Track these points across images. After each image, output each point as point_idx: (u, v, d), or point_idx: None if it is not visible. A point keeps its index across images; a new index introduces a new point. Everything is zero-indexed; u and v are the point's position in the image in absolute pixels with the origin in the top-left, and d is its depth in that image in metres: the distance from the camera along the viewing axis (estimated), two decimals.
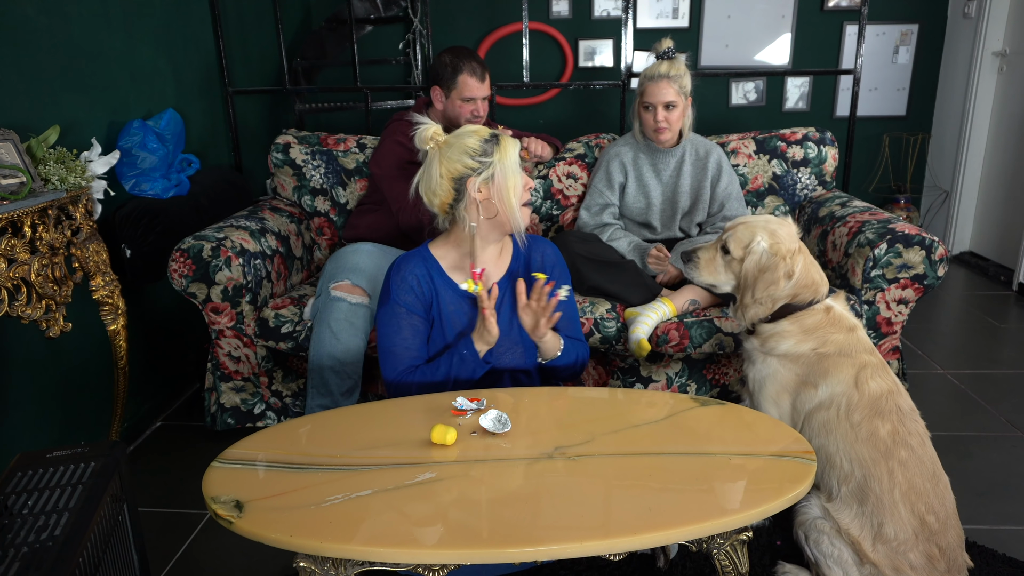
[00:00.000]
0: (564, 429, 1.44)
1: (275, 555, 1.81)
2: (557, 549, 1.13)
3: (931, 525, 1.50)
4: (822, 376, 1.63)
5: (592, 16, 4.32)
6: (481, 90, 2.37)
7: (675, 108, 2.34)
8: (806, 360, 1.67)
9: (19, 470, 1.35)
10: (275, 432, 1.49)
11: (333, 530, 1.15)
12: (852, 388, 1.59)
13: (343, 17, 3.86)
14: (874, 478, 1.53)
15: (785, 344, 1.70)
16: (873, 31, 4.27)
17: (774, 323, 1.72)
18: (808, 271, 1.72)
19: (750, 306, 1.74)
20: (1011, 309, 3.47)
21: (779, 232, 1.72)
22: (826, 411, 1.61)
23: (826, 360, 1.64)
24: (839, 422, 1.58)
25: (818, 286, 1.72)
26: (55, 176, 1.82)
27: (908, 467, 1.53)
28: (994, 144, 4.07)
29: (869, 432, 1.56)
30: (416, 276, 1.75)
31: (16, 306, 1.70)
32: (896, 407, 1.57)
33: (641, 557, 1.74)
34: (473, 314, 1.76)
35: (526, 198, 1.72)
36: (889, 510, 1.51)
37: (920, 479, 1.52)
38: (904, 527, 1.50)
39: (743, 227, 1.76)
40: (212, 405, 2.37)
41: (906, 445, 1.54)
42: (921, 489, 1.52)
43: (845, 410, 1.58)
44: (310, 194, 2.73)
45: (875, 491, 1.52)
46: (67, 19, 2.17)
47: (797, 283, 1.70)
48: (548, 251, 1.85)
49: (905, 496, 1.51)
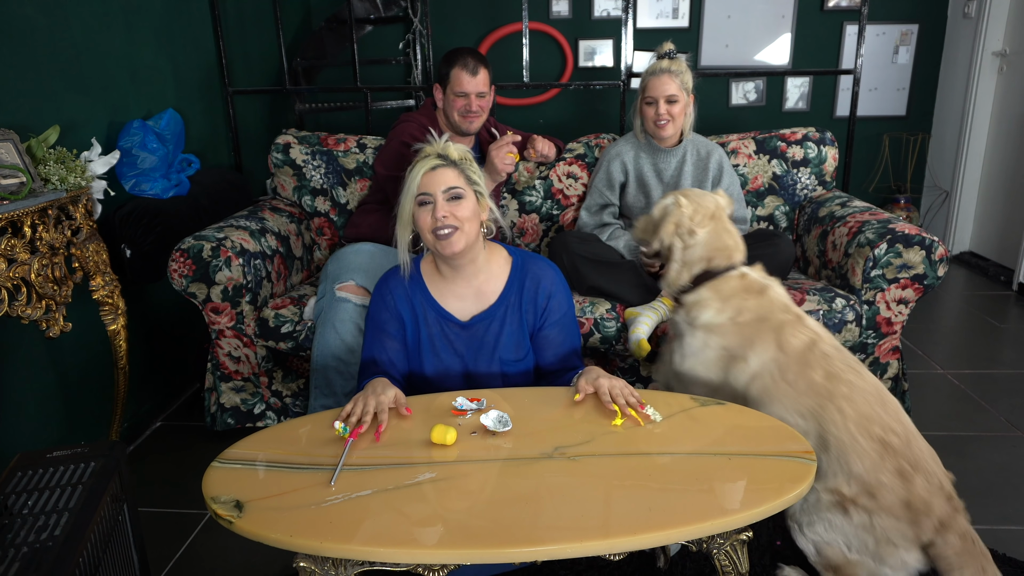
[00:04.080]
0: (564, 429, 1.44)
1: (275, 555, 1.81)
2: (557, 549, 1.13)
3: (893, 443, 1.54)
4: (748, 347, 1.70)
5: (592, 16, 4.32)
6: (473, 84, 2.32)
7: (677, 102, 2.35)
8: (727, 331, 1.74)
9: (19, 470, 1.35)
10: (275, 432, 1.49)
11: (333, 530, 1.15)
12: (777, 351, 1.67)
13: (343, 17, 3.86)
14: (828, 421, 1.58)
15: (706, 314, 1.77)
16: (873, 31, 4.27)
17: (695, 291, 1.81)
18: (719, 236, 1.82)
19: (672, 269, 1.85)
20: (1011, 309, 3.47)
21: (694, 196, 1.86)
22: (762, 380, 1.67)
23: (746, 329, 1.72)
24: (776, 385, 1.65)
25: (731, 251, 1.81)
26: (55, 176, 1.82)
27: (853, 399, 1.58)
28: (994, 144, 4.07)
29: (806, 384, 1.62)
30: (393, 294, 1.71)
31: (16, 306, 1.70)
32: (822, 354, 1.65)
33: (641, 557, 1.74)
34: (457, 338, 1.70)
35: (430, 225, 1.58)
36: (850, 445, 1.55)
37: (868, 406, 1.58)
38: (867, 453, 1.53)
39: (672, 193, 1.91)
40: (212, 405, 2.37)
41: (844, 382, 1.60)
42: (872, 414, 1.57)
43: (779, 373, 1.65)
44: (310, 194, 2.73)
45: (833, 434, 1.56)
46: (67, 19, 2.17)
47: (706, 246, 1.80)
48: (544, 280, 1.71)
49: (859, 426, 1.56)
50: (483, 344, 1.70)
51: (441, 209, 1.57)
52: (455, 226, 1.58)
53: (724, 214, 1.86)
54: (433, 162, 1.59)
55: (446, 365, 1.71)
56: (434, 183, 1.58)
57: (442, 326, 1.70)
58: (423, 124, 2.35)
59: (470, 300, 1.71)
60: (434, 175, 1.58)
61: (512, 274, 1.72)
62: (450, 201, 1.58)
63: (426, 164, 1.59)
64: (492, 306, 1.70)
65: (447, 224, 1.57)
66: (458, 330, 1.70)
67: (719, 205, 1.85)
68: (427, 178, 1.58)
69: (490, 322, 1.70)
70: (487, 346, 1.70)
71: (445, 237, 1.58)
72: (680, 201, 1.84)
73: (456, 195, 1.59)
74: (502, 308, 1.70)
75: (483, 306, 1.71)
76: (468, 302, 1.71)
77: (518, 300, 1.71)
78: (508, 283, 1.72)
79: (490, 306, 1.70)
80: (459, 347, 1.71)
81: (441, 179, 1.58)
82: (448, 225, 1.57)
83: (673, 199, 1.87)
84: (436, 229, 1.58)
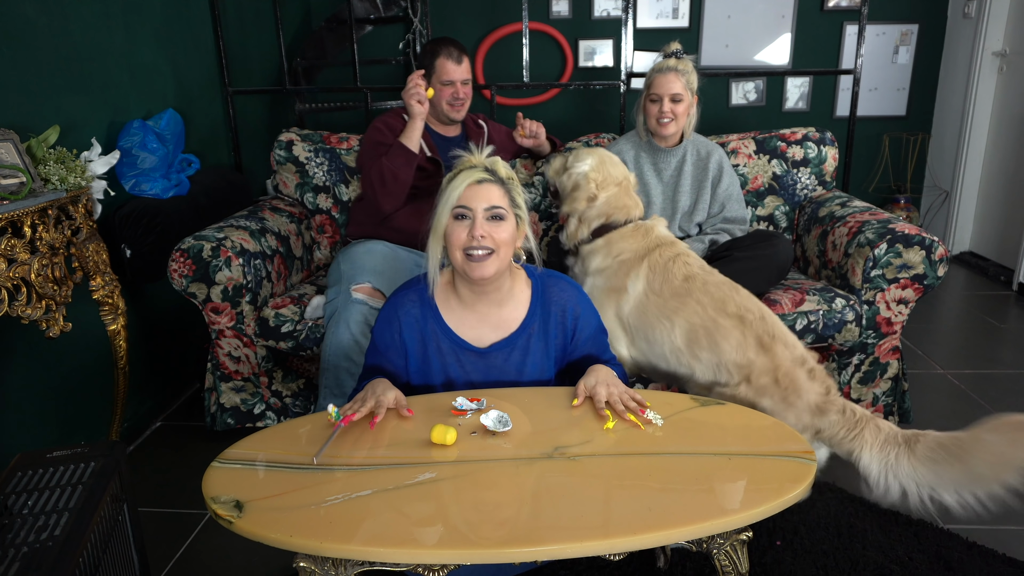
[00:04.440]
0: (564, 429, 1.44)
1: (275, 555, 1.81)
2: (557, 549, 1.13)
3: (747, 318, 1.75)
4: (625, 277, 1.90)
5: (592, 16, 4.32)
6: (458, 72, 2.36)
7: (681, 101, 2.36)
8: (611, 271, 1.92)
9: (19, 470, 1.35)
10: (275, 432, 1.49)
11: (333, 530, 1.15)
12: (649, 271, 1.87)
13: (343, 17, 3.86)
14: (692, 315, 1.79)
15: (595, 261, 1.96)
16: (873, 31, 4.27)
17: (591, 244, 2.00)
18: (620, 198, 2.01)
19: (572, 223, 2.03)
20: (1011, 309, 3.47)
21: (608, 166, 2.03)
22: (638, 301, 1.87)
23: (625, 265, 1.91)
24: (648, 299, 1.86)
25: (630, 209, 2.01)
26: (55, 176, 1.82)
27: (708, 290, 1.81)
28: (994, 144, 4.07)
29: (671, 290, 1.85)
30: (401, 321, 1.58)
31: (16, 306, 1.70)
32: (683, 263, 1.88)
33: (641, 557, 1.74)
34: (474, 367, 1.60)
35: (463, 243, 1.46)
36: (714, 328, 1.75)
37: (720, 292, 1.81)
38: (729, 331, 1.74)
39: (587, 150, 2.08)
40: (212, 405, 2.37)
41: (699, 279, 1.84)
42: (725, 297, 1.80)
43: (648, 288, 1.86)
44: (312, 191, 2.73)
45: (698, 324, 1.77)
46: (67, 19, 2.17)
47: (606, 204, 1.98)
48: (569, 302, 1.59)
49: (717, 310, 1.78)
50: (503, 372, 1.60)
51: (480, 227, 1.44)
52: (491, 249, 1.46)
53: (631, 186, 2.06)
54: (479, 175, 1.46)
55: (457, 386, 1.63)
56: (477, 198, 1.45)
57: (457, 354, 1.59)
58: (400, 113, 2.37)
59: (489, 327, 1.60)
60: (478, 189, 1.46)
61: (534, 298, 1.61)
62: (490, 221, 1.46)
63: (471, 176, 1.46)
64: (514, 333, 1.59)
65: (483, 245, 1.45)
66: (475, 358, 1.60)
67: (627, 177, 2.06)
68: (470, 191, 1.46)
69: (511, 350, 1.59)
70: (508, 374, 1.60)
71: (478, 259, 1.46)
72: (588, 175, 2.01)
73: (498, 215, 1.47)
74: (525, 335, 1.60)
75: (503, 333, 1.59)
76: (487, 329, 1.60)
77: (543, 326, 1.60)
78: (531, 309, 1.60)
79: (512, 333, 1.59)
80: (475, 375, 1.60)
81: (485, 195, 1.46)
82: (484, 247, 1.45)
83: (585, 169, 2.03)
84: (469, 249, 1.46)
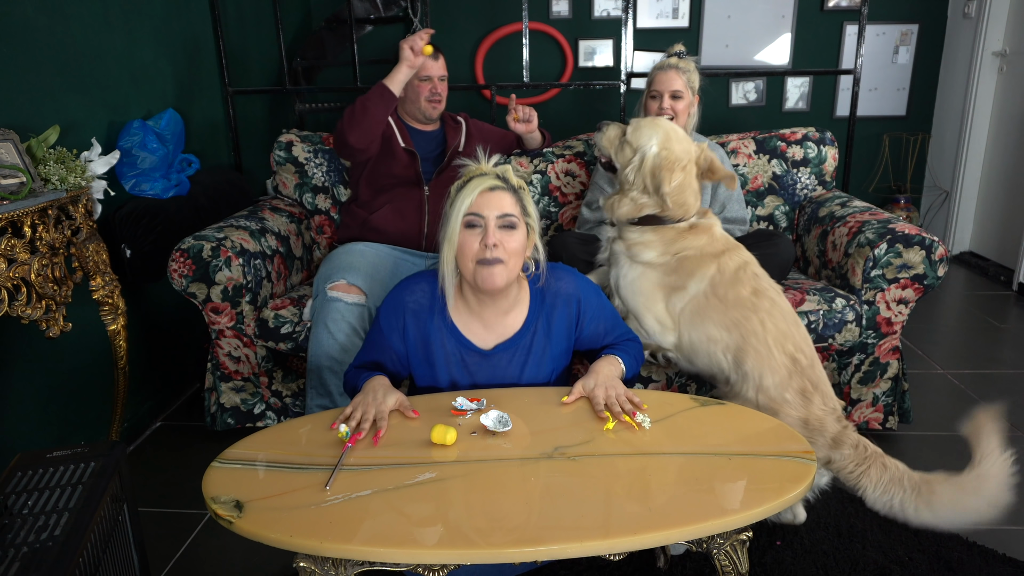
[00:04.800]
0: (564, 429, 1.44)
1: (275, 555, 1.81)
2: (557, 549, 1.13)
3: (800, 362, 1.72)
4: (688, 276, 1.83)
5: (592, 16, 4.32)
6: (436, 68, 2.40)
7: (681, 99, 2.36)
8: (670, 268, 1.85)
9: (19, 470, 1.35)
10: (275, 432, 1.49)
11: (333, 530, 1.15)
12: (716, 272, 1.80)
13: (343, 17, 3.86)
14: (750, 332, 1.74)
15: (648, 254, 1.88)
16: (873, 31, 4.27)
17: (640, 231, 1.90)
18: (683, 191, 1.87)
19: (624, 202, 1.91)
20: (1011, 309, 3.47)
21: (673, 144, 1.88)
22: (696, 300, 1.81)
23: (688, 262, 1.84)
24: (708, 301, 1.80)
25: (688, 208, 1.89)
26: (55, 176, 1.82)
27: (774, 315, 1.76)
28: (994, 144, 4.07)
29: (735, 298, 1.78)
30: (407, 312, 1.59)
31: (16, 306, 1.70)
32: (753, 274, 1.82)
33: (641, 557, 1.74)
34: (478, 368, 1.61)
35: (475, 254, 1.46)
36: (767, 358, 1.71)
37: (785, 324, 1.76)
38: (779, 368, 1.70)
39: (648, 124, 1.91)
40: (212, 405, 2.37)
41: (768, 299, 1.78)
42: (788, 332, 1.75)
43: (711, 291, 1.80)
44: (311, 192, 2.73)
45: (753, 345, 1.73)
46: (67, 19, 2.17)
47: (670, 195, 1.84)
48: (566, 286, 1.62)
49: (776, 341, 1.73)
50: (506, 373, 1.62)
51: (492, 236, 1.44)
52: (501, 259, 1.46)
53: (693, 166, 1.90)
54: (491, 182, 1.46)
55: (461, 387, 1.65)
56: (489, 205, 1.45)
57: (462, 354, 1.61)
58: None
59: (494, 328, 1.61)
60: (490, 196, 1.45)
61: (533, 298, 1.63)
62: (502, 229, 1.46)
63: (483, 183, 1.45)
64: (516, 334, 1.61)
65: (495, 255, 1.46)
66: (479, 359, 1.61)
67: (690, 158, 1.88)
68: (483, 198, 1.45)
69: (514, 352, 1.61)
70: (510, 375, 1.62)
71: (488, 268, 1.46)
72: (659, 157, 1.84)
73: (509, 223, 1.47)
74: (527, 336, 1.62)
75: (506, 335, 1.61)
76: (492, 331, 1.61)
77: (547, 327, 1.62)
78: (532, 308, 1.62)
79: (514, 334, 1.61)
80: (478, 375, 1.62)
81: (498, 202, 1.46)
82: (496, 257, 1.46)
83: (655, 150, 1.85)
84: (481, 258, 1.46)
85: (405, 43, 2.26)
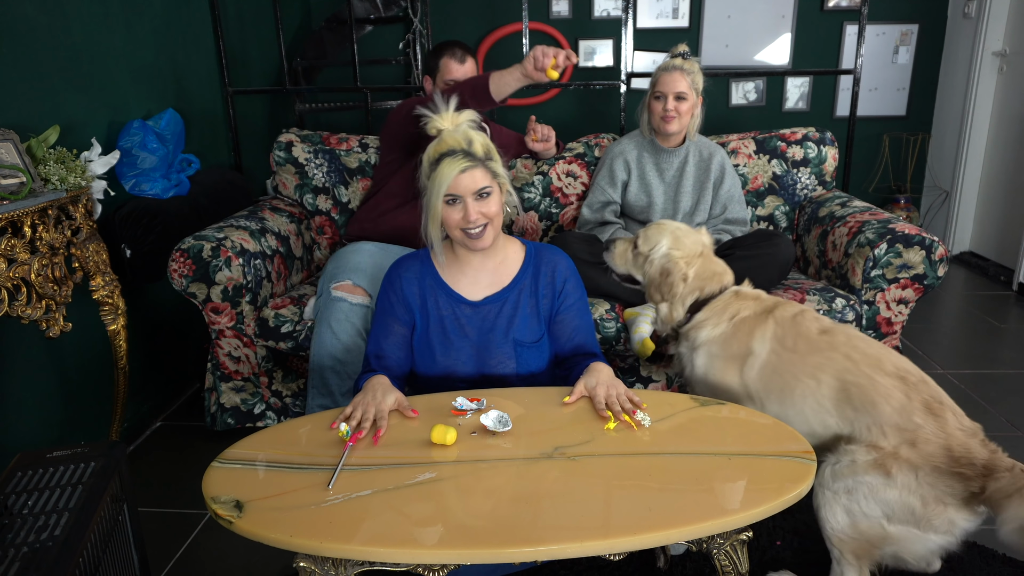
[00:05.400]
0: (564, 429, 1.44)
1: (275, 555, 1.81)
2: (557, 549, 1.13)
3: (909, 379, 1.51)
4: (750, 338, 1.73)
5: (592, 16, 4.32)
6: (461, 72, 2.38)
7: (685, 100, 2.36)
8: (728, 335, 1.76)
9: (19, 470, 1.35)
10: (275, 432, 1.49)
11: (333, 530, 1.15)
12: (775, 326, 1.70)
13: (343, 17, 3.86)
14: (841, 371, 1.56)
15: (704, 332, 1.80)
16: (873, 31, 4.27)
17: (691, 319, 1.83)
18: (706, 267, 1.84)
19: (663, 307, 1.87)
20: (1011, 309, 3.47)
21: (683, 239, 1.86)
22: (768, 361, 1.68)
23: (745, 323, 1.75)
24: (780, 357, 1.66)
25: (721, 275, 1.85)
26: (55, 176, 1.82)
27: (855, 345, 1.59)
28: (994, 144, 4.07)
29: (807, 344, 1.64)
30: (402, 278, 1.72)
31: (16, 306, 1.70)
32: (813, 316, 1.71)
33: (641, 557, 1.74)
34: (469, 320, 1.70)
35: (459, 224, 1.60)
36: (871, 387, 1.51)
37: (871, 348, 1.59)
38: (891, 392, 1.49)
39: (655, 229, 1.91)
40: (212, 405, 2.37)
41: (839, 332, 1.64)
42: (879, 355, 1.56)
43: (779, 346, 1.67)
44: (312, 193, 2.73)
45: (850, 380, 1.54)
46: (67, 19, 2.17)
47: (697, 279, 1.82)
48: (560, 265, 1.74)
49: (872, 366, 1.53)
50: (495, 325, 1.70)
51: (472, 211, 1.57)
52: (485, 224, 1.60)
53: (710, 251, 1.89)
54: (462, 163, 1.56)
55: (457, 348, 1.70)
56: (463, 186, 1.56)
57: (453, 308, 1.70)
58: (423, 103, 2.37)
59: (483, 283, 1.71)
60: (463, 178, 1.56)
61: (526, 260, 1.74)
62: (479, 200, 1.59)
63: (455, 166, 1.56)
64: (505, 288, 1.71)
65: (481, 224, 1.59)
66: (469, 311, 1.70)
67: (703, 243, 1.89)
68: (458, 180, 1.56)
69: (503, 303, 1.71)
70: (500, 327, 1.70)
71: (477, 236, 1.60)
72: (673, 256, 1.83)
73: (485, 193, 1.59)
74: (516, 291, 1.71)
75: (496, 288, 1.71)
76: (481, 285, 1.71)
77: (534, 284, 1.72)
78: (523, 268, 1.73)
79: (503, 288, 1.71)
80: (470, 330, 1.70)
81: (471, 181, 1.57)
82: (482, 224, 1.60)
83: (665, 250, 1.85)
84: (466, 228, 1.59)
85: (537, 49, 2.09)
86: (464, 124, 1.60)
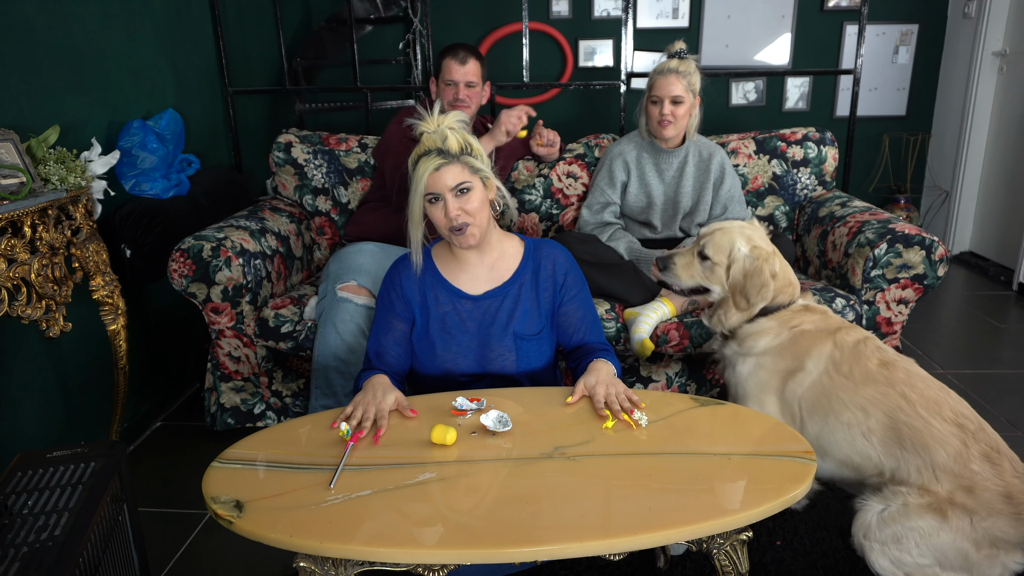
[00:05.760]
0: (564, 429, 1.44)
1: (275, 555, 1.81)
2: (557, 549, 1.13)
3: (968, 426, 1.47)
4: (804, 355, 1.67)
5: (592, 16, 4.32)
6: (461, 73, 2.37)
7: (682, 103, 2.35)
8: (783, 347, 1.71)
9: (19, 470, 1.35)
10: (275, 432, 1.49)
11: (333, 530, 1.15)
12: (833, 348, 1.64)
13: (343, 17, 3.86)
14: (895, 409, 1.51)
15: (763, 341, 1.74)
16: (873, 31, 4.26)
17: (754, 323, 1.77)
18: (785, 272, 1.79)
19: (736, 311, 1.79)
20: (1011, 309, 3.47)
21: (754, 236, 1.80)
22: (819, 382, 1.63)
23: (804, 338, 1.69)
24: (833, 381, 1.61)
25: (795, 287, 1.80)
26: (55, 176, 1.82)
27: (914, 384, 1.54)
28: (994, 144, 4.07)
29: (863, 374, 1.58)
30: (402, 275, 1.73)
31: (16, 306, 1.70)
32: (876, 347, 1.64)
33: (641, 557, 1.74)
34: (469, 315, 1.71)
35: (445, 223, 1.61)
36: (925, 431, 1.47)
37: (931, 390, 1.53)
38: (947, 438, 1.45)
39: (720, 233, 1.81)
40: (212, 405, 2.37)
41: (900, 368, 1.58)
42: (938, 399, 1.51)
43: (834, 369, 1.62)
44: (311, 193, 2.73)
45: (904, 421, 1.50)
46: (67, 19, 2.17)
47: (778, 282, 1.76)
48: (559, 258, 1.76)
49: (929, 409, 1.49)
50: (496, 319, 1.70)
51: (452, 208, 1.58)
52: (467, 222, 1.60)
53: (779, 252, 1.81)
54: (436, 161, 1.57)
55: (457, 342, 1.71)
56: (440, 183, 1.57)
57: (454, 303, 1.71)
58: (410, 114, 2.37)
59: (483, 278, 1.72)
60: (439, 175, 1.57)
61: (526, 255, 1.75)
62: (458, 196, 1.59)
63: (430, 164, 1.57)
64: (506, 283, 1.72)
65: (461, 222, 1.60)
66: (470, 305, 1.71)
67: (764, 234, 1.82)
68: (432, 179, 1.57)
69: (503, 298, 1.71)
70: (500, 321, 1.70)
71: (461, 233, 1.61)
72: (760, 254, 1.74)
73: (464, 189, 1.58)
74: (516, 285, 1.72)
75: (496, 283, 1.72)
76: (480, 280, 1.72)
77: (534, 279, 1.73)
78: (522, 263, 1.74)
79: (504, 282, 1.72)
80: (471, 324, 1.71)
81: (447, 178, 1.57)
82: (462, 223, 1.60)
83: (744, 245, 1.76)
84: (450, 227, 1.60)
85: (507, 117, 2.25)
86: (445, 126, 1.60)
